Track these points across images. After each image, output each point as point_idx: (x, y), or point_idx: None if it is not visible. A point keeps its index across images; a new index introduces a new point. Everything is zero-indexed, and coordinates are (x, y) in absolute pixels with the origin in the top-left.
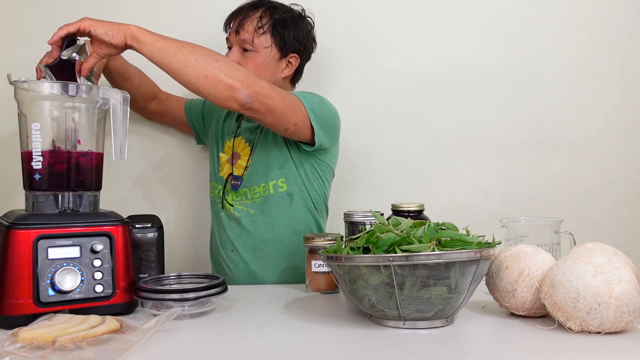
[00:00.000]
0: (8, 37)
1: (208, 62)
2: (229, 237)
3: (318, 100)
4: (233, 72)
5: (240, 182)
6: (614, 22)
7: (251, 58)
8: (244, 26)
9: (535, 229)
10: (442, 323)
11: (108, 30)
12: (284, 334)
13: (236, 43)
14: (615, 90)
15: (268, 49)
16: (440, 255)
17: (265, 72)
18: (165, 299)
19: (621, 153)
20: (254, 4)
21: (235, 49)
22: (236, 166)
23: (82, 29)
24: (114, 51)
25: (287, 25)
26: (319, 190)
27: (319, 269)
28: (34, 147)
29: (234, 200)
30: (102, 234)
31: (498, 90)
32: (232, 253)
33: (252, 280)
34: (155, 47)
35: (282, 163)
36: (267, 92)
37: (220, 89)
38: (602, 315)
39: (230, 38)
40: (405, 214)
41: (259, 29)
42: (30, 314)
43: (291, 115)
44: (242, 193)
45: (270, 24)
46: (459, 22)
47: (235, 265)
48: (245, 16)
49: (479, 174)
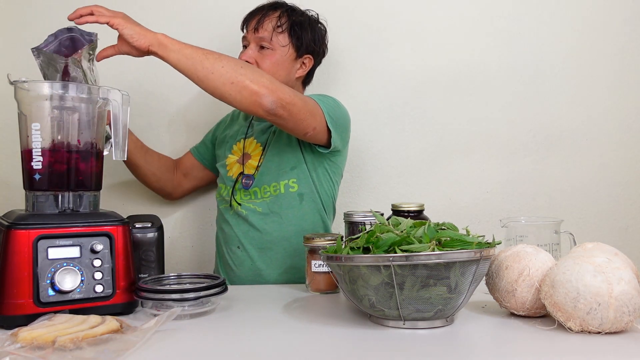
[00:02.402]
0: (8, 37)
1: (234, 68)
2: (236, 234)
3: (333, 103)
4: (258, 78)
5: (252, 181)
6: (614, 21)
7: (268, 55)
8: (263, 24)
9: (535, 229)
10: (442, 323)
11: (134, 33)
12: (284, 334)
13: (254, 41)
14: (615, 90)
15: (285, 48)
16: (440, 255)
17: (280, 70)
18: (165, 299)
19: (621, 153)
20: (273, 4)
21: (252, 46)
22: (247, 166)
23: (110, 25)
24: (134, 53)
25: (305, 27)
26: (328, 192)
27: (319, 269)
28: (34, 147)
29: (243, 200)
30: (102, 234)
31: (498, 90)
32: (238, 250)
33: (257, 277)
34: (182, 54)
35: (295, 164)
36: (290, 99)
37: (245, 94)
38: (602, 315)
39: (247, 36)
40: (405, 214)
41: (278, 28)
42: (30, 314)
43: (311, 121)
44: (252, 192)
45: (288, 24)
46: (459, 23)
47: (241, 262)
48: (265, 15)
49: (479, 174)
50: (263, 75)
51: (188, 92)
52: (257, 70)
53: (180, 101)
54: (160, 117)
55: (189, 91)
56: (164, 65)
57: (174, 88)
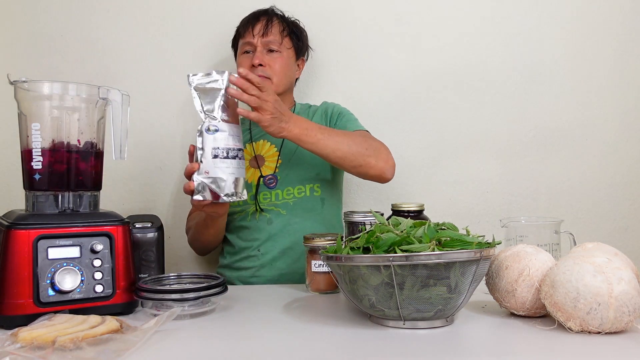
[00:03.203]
0: (8, 37)
1: (359, 151)
2: (258, 238)
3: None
4: (379, 154)
5: (275, 181)
6: (614, 21)
7: (277, 58)
8: (272, 29)
9: (535, 229)
10: (442, 323)
11: (271, 123)
12: (284, 334)
13: (262, 45)
14: (615, 90)
15: (290, 51)
16: (440, 255)
17: (289, 72)
18: (165, 299)
19: (621, 153)
20: (269, 10)
21: (260, 49)
22: (264, 168)
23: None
24: (265, 130)
25: (300, 30)
26: (342, 195)
27: (319, 269)
28: (34, 147)
29: (264, 202)
30: (102, 234)
31: (498, 90)
32: (258, 252)
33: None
34: (316, 147)
35: (320, 170)
36: (394, 160)
37: (372, 173)
38: (602, 315)
39: (253, 41)
40: (405, 214)
41: (283, 32)
42: (30, 314)
43: None
44: (274, 194)
45: (289, 28)
46: (459, 23)
47: (262, 265)
48: (270, 19)
49: (479, 174)
50: (380, 150)
51: (187, 91)
52: (377, 147)
53: (180, 100)
54: (160, 117)
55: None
56: (164, 65)
57: (175, 88)
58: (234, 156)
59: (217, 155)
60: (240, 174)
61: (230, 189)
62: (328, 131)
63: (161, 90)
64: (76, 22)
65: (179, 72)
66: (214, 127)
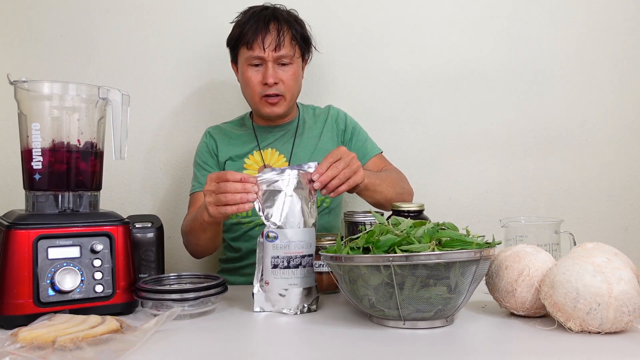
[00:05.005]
0: (8, 37)
1: (397, 192)
2: None
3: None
4: (407, 193)
5: None
6: (614, 21)
7: (288, 70)
8: (284, 41)
9: (535, 229)
10: (442, 323)
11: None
12: (284, 334)
13: (273, 59)
14: (615, 90)
15: (299, 59)
16: (440, 255)
17: (299, 80)
18: (165, 299)
19: (621, 153)
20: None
21: (271, 65)
22: None
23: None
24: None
25: (305, 30)
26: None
27: (319, 269)
28: (34, 147)
29: None
30: (102, 234)
31: (498, 90)
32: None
33: None
34: (375, 192)
35: None
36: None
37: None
38: (602, 315)
39: (264, 56)
40: (405, 214)
41: (293, 41)
42: (30, 314)
43: None
44: None
45: (297, 34)
46: (459, 23)
47: None
48: (282, 29)
49: (479, 174)
50: (408, 188)
51: (187, 92)
52: (405, 186)
53: (179, 101)
54: (160, 117)
55: (188, 91)
56: (163, 65)
57: (174, 88)
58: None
59: (276, 265)
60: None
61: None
62: (380, 178)
63: (161, 90)
64: (76, 22)
65: (178, 72)
66: (273, 234)
